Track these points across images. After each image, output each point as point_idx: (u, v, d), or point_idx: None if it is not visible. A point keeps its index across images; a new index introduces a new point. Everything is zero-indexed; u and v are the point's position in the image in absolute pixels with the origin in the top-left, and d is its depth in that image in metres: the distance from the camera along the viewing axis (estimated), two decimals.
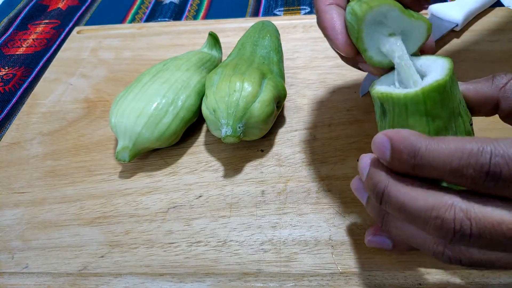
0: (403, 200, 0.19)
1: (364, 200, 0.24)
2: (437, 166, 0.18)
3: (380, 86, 0.23)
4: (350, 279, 0.26)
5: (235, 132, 0.30)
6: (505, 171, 0.17)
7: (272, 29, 0.41)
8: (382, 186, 0.20)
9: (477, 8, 0.44)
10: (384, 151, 0.20)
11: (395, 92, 0.22)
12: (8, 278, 0.29)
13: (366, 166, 0.22)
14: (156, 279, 0.28)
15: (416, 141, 0.19)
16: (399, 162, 0.19)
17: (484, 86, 0.23)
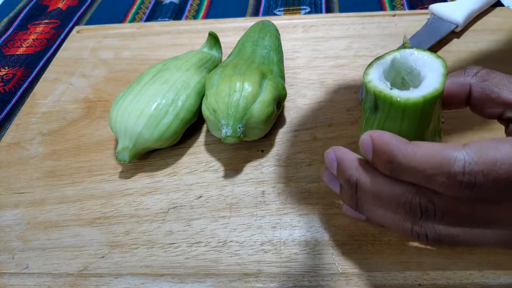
0: (375, 190, 0.22)
1: (338, 189, 0.25)
2: (411, 173, 0.20)
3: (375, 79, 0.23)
4: (350, 280, 0.27)
5: (235, 133, 0.30)
6: (480, 178, 0.18)
7: (272, 29, 0.41)
8: (354, 178, 0.23)
9: (477, 8, 0.44)
10: (368, 152, 0.21)
11: (395, 95, 0.22)
12: (8, 278, 0.29)
13: (333, 160, 0.24)
14: (156, 280, 0.28)
15: (395, 147, 0.20)
16: (379, 165, 0.21)
17: (456, 77, 0.24)
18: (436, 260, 0.27)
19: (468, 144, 0.19)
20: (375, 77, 0.23)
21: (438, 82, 0.22)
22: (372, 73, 0.23)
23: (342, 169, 0.23)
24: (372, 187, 0.22)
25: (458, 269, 0.26)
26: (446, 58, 0.41)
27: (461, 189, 0.19)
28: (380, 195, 0.22)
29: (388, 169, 0.21)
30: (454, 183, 0.18)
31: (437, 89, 0.21)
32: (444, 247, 0.27)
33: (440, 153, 0.19)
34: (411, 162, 0.19)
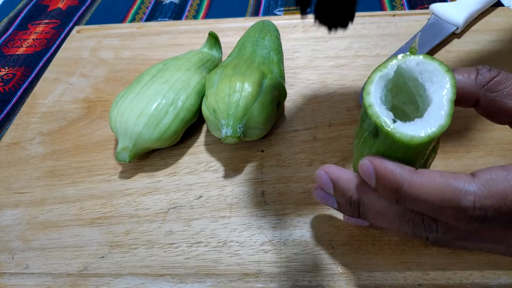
0: (378, 209, 0.22)
1: (335, 206, 0.25)
2: (418, 203, 0.19)
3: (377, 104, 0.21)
4: (350, 280, 0.27)
5: (235, 133, 0.30)
6: (491, 212, 0.18)
7: (272, 29, 0.41)
8: (356, 198, 0.23)
9: (478, 8, 0.44)
10: (369, 178, 0.21)
11: (398, 132, 0.20)
12: (8, 278, 0.29)
13: (328, 182, 0.24)
14: (156, 280, 0.28)
15: (400, 176, 0.20)
16: (383, 192, 0.21)
17: (467, 82, 0.22)
18: (436, 260, 0.27)
19: (477, 175, 0.18)
20: (377, 99, 0.21)
21: (445, 115, 0.20)
22: (373, 92, 0.21)
23: (341, 190, 0.23)
24: (375, 207, 0.22)
25: (458, 269, 0.26)
26: (446, 58, 0.41)
27: (471, 222, 0.18)
28: (383, 213, 0.22)
29: (394, 198, 0.20)
30: (463, 217, 0.18)
31: (443, 126, 0.20)
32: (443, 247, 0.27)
33: (449, 185, 0.18)
34: (418, 194, 0.19)
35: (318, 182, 0.24)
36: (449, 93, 0.20)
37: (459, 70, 0.23)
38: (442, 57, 0.42)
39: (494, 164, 0.32)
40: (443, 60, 0.43)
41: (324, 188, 0.24)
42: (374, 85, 0.21)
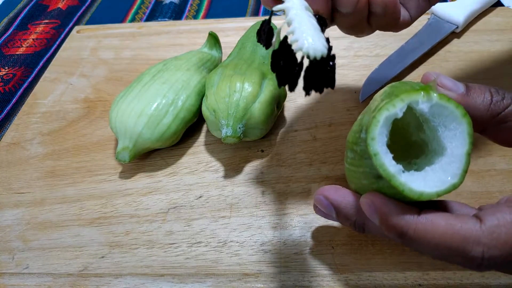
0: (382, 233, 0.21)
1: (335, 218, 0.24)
2: (425, 250, 0.19)
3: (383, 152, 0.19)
4: (351, 280, 0.27)
5: (235, 133, 0.30)
6: (499, 261, 0.18)
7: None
8: (361, 223, 0.22)
9: (478, 8, 0.44)
10: (372, 216, 0.21)
11: (407, 188, 0.19)
12: (8, 278, 0.29)
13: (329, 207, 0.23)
14: (156, 280, 0.28)
15: (405, 222, 0.19)
16: (388, 233, 0.20)
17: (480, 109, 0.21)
18: (436, 260, 0.27)
19: (484, 220, 0.18)
20: (382, 145, 0.19)
21: (460, 172, 0.19)
22: (378, 137, 0.19)
23: (344, 216, 0.23)
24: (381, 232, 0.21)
25: (458, 269, 0.26)
26: (446, 58, 0.41)
27: (479, 269, 0.18)
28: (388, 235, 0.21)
29: (399, 240, 0.20)
30: (471, 264, 0.18)
31: (456, 185, 0.19)
32: None
33: (457, 233, 0.18)
34: (424, 241, 0.19)
35: (320, 206, 0.24)
36: (466, 145, 0.19)
37: (472, 89, 0.21)
38: (442, 57, 0.42)
39: (494, 164, 0.32)
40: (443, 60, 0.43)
41: (326, 212, 0.24)
42: (380, 128, 0.19)
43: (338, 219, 0.24)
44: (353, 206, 0.22)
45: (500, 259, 0.18)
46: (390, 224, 0.20)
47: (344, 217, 0.23)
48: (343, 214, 0.23)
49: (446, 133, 0.19)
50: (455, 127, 0.19)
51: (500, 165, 0.32)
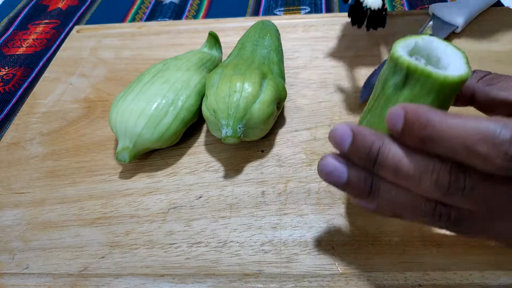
0: (398, 160, 0.20)
1: (344, 177, 0.22)
2: (448, 141, 0.18)
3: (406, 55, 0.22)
4: (351, 280, 0.27)
5: (235, 133, 0.30)
6: None
7: (272, 28, 0.41)
8: (377, 146, 0.20)
9: (478, 9, 0.44)
10: (397, 121, 0.20)
11: (434, 71, 0.21)
12: (8, 279, 0.29)
13: (346, 136, 0.21)
14: (156, 280, 0.28)
15: (432, 113, 0.19)
16: (410, 133, 0.19)
17: None
18: (437, 261, 0.27)
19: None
20: (404, 53, 0.22)
21: (465, 67, 0.21)
22: (401, 50, 0.22)
23: (361, 140, 0.21)
24: (396, 156, 0.20)
25: (458, 270, 0.26)
26: None
27: (505, 161, 0.17)
28: (403, 166, 0.20)
29: (421, 137, 0.19)
30: (497, 154, 0.17)
31: (468, 73, 0.21)
32: (443, 246, 0.27)
33: (484, 122, 0.17)
34: (449, 129, 0.18)
35: (333, 140, 0.22)
36: (463, 58, 0.22)
37: None
38: None
39: None
40: None
41: (339, 141, 0.21)
42: (400, 47, 0.23)
43: (350, 150, 0.21)
44: (371, 132, 0.21)
45: None
46: (415, 118, 0.19)
47: (361, 143, 0.21)
48: (360, 139, 0.21)
49: (447, 58, 0.22)
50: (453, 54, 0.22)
51: None
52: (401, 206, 0.21)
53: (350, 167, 0.22)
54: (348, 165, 0.22)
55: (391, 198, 0.21)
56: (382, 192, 0.21)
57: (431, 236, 0.28)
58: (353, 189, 0.22)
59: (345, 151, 0.22)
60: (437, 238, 0.28)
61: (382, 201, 0.22)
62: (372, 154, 0.21)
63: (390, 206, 0.22)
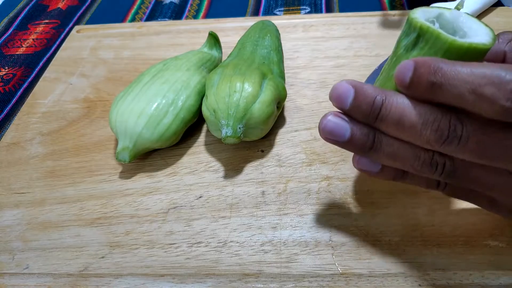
0: (402, 110, 0.20)
1: (347, 134, 0.22)
2: (456, 84, 0.19)
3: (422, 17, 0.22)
4: (351, 280, 0.27)
5: (235, 133, 0.30)
6: None
7: (272, 28, 0.41)
8: (380, 99, 0.21)
9: (478, 9, 0.44)
10: (406, 73, 0.20)
11: (451, 37, 0.21)
12: (8, 279, 0.29)
13: (348, 92, 0.21)
14: (156, 280, 0.28)
15: (442, 61, 0.19)
16: (419, 82, 0.20)
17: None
18: (436, 261, 0.27)
19: None
20: (422, 17, 0.22)
21: (484, 38, 0.21)
22: (419, 13, 0.22)
23: (363, 95, 0.21)
24: (399, 108, 0.20)
25: (458, 270, 0.26)
26: None
27: (509, 102, 0.17)
28: (406, 117, 0.20)
29: (430, 84, 0.19)
30: (503, 95, 0.17)
31: (479, 43, 0.20)
32: (443, 246, 0.27)
33: (492, 67, 0.18)
34: (458, 74, 0.19)
35: (335, 95, 0.22)
36: (490, 33, 0.21)
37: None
38: None
39: None
40: None
41: (340, 98, 0.22)
42: (420, 11, 0.23)
43: (352, 106, 0.22)
44: (373, 87, 0.22)
45: None
46: (427, 64, 0.19)
47: (364, 96, 0.21)
48: (362, 94, 0.21)
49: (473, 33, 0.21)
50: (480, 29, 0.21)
51: None
52: (402, 159, 0.22)
53: (352, 124, 0.22)
54: (350, 121, 0.22)
55: (393, 151, 0.22)
56: (384, 145, 0.22)
57: (431, 236, 0.28)
58: (355, 145, 0.22)
59: (347, 107, 0.22)
60: (437, 238, 0.28)
61: (382, 155, 0.22)
62: (375, 108, 0.21)
63: (390, 159, 0.22)
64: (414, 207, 0.30)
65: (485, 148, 0.19)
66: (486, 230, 0.28)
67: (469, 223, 0.28)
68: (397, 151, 0.22)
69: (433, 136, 0.20)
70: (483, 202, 0.24)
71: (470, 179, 0.22)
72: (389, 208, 0.30)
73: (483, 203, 0.24)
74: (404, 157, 0.22)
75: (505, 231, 0.28)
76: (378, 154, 0.22)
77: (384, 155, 0.22)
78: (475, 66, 0.18)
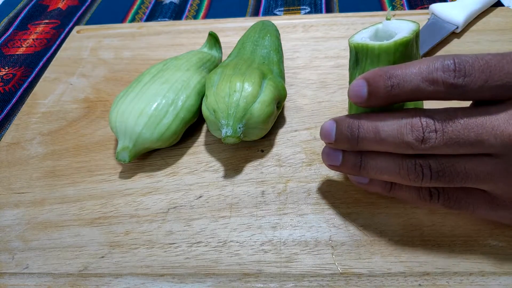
0: (376, 125, 0.23)
1: (339, 159, 0.26)
2: (411, 79, 0.22)
3: (358, 38, 0.26)
4: (350, 280, 0.27)
5: (235, 133, 0.30)
6: (468, 66, 0.21)
7: (272, 28, 0.41)
8: (356, 124, 0.24)
9: (478, 8, 0.44)
10: (361, 90, 0.23)
11: (371, 43, 0.25)
12: (8, 278, 0.29)
13: (331, 127, 0.25)
14: (156, 280, 0.28)
15: (389, 67, 0.23)
16: (376, 93, 0.23)
17: None
18: (436, 261, 0.27)
19: None
20: (358, 38, 0.26)
21: (408, 33, 0.24)
22: (357, 37, 0.27)
23: (341, 125, 0.25)
24: (372, 123, 0.23)
25: (458, 270, 0.26)
26: None
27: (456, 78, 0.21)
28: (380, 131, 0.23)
29: (388, 88, 0.22)
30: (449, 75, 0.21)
31: (406, 37, 0.24)
32: (443, 246, 0.27)
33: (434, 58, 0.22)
34: (409, 71, 0.22)
35: (322, 134, 0.26)
36: (414, 27, 0.25)
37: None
38: None
39: None
40: None
41: (326, 134, 0.25)
42: (357, 35, 0.27)
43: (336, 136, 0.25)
44: (348, 116, 0.25)
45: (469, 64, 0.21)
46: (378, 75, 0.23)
47: (342, 126, 0.24)
48: (340, 124, 0.25)
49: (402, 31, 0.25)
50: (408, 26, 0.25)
51: None
52: (387, 171, 0.24)
53: (343, 152, 0.26)
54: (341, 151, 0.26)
55: (377, 165, 0.24)
56: (369, 162, 0.25)
57: (431, 235, 0.28)
58: (347, 168, 0.26)
59: (332, 141, 0.25)
60: (437, 237, 0.28)
61: (371, 171, 0.25)
62: (353, 132, 0.24)
63: (378, 173, 0.25)
64: (414, 206, 0.30)
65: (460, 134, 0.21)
66: (486, 230, 0.28)
67: (469, 223, 0.28)
68: (380, 164, 0.24)
69: (410, 138, 0.22)
70: (483, 204, 0.24)
71: (459, 174, 0.22)
72: (389, 208, 0.30)
73: (483, 205, 0.24)
74: (388, 169, 0.24)
75: (505, 231, 0.28)
76: (367, 171, 0.25)
77: (372, 170, 0.25)
78: (421, 61, 0.22)
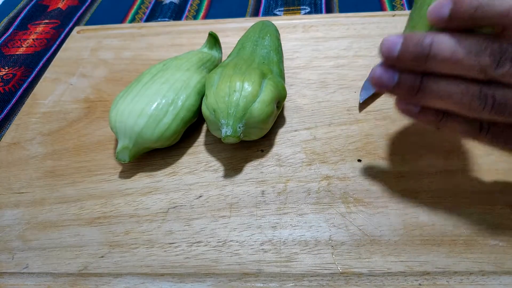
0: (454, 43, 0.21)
1: (396, 78, 0.24)
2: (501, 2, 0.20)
3: None
4: (350, 279, 0.26)
5: (235, 132, 0.30)
6: None
7: (272, 29, 0.41)
8: (428, 40, 0.22)
9: None
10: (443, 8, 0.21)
11: None
12: (8, 278, 0.29)
13: (397, 41, 0.23)
14: (156, 279, 0.28)
15: None
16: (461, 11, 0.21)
17: None
18: (437, 260, 0.27)
19: None
20: None
21: None
22: None
23: (410, 40, 0.22)
24: (450, 42, 0.21)
25: (459, 269, 0.26)
26: None
27: None
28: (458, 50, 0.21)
29: (472, 8, 0.20)
30: None
31: None
32: (444, 246, 0.27)
33: None
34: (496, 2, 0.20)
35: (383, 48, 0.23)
36: None
37: None
38: None
39: (494, 164, 0.32)
40: None
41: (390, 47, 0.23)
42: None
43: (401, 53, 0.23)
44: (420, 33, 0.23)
45: None
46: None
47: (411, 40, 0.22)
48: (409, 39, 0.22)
49: None
50: None
51: (501, 165, 0.32)
52: (447, 96, 0.22)
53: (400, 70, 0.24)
54: (397, 69, 0.24)
55: (439, 88, 0.23)
56: (431, 85, 0.23)
57: (431, 235, 0.28)
58: (402, 89, 0.24)
59: (395, 55, 0.23)
60: (437, 237, 0.28)
61: (429, 95, 0.23)
62: (425, 48, 0.22)
63: (437, 98, 0.23)
64: (414, 206, 0.30)
65: None
66: (486, 230, 0.28)
67: (469, 223, 0.28)
68: (444, 88, 0.22)
69: (487, 61, 0.21)
70: None
71: None
72: (389, 208, 0.30)
73: None
74: (452, 94, 0.22)
75: (505, 230, 0.28)
76: (425, 95, 0.23)
77: (432, 95, 0.23)
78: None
